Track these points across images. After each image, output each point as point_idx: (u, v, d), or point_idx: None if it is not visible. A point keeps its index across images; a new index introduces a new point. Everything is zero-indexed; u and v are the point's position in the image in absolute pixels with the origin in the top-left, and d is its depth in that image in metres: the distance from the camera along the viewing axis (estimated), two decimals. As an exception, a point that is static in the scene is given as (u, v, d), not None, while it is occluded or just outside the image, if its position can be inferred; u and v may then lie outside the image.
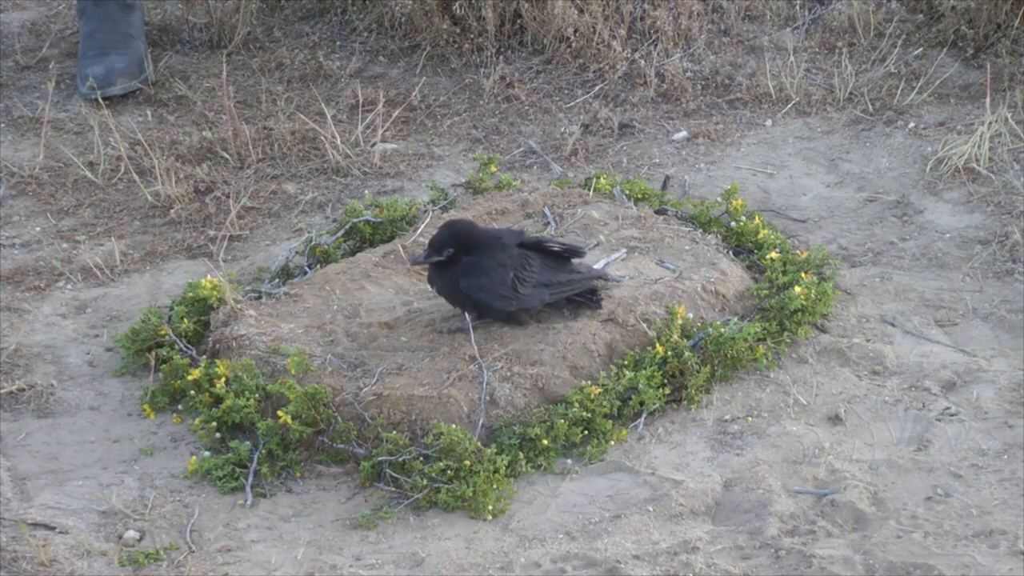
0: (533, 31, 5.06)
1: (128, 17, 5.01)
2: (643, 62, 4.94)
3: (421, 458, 3.44)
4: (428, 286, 3.77)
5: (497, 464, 3.42)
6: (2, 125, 4.86)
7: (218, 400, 3.61)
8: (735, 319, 3.80)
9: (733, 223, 4.14)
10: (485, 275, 3.64)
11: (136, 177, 4.52)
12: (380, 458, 3.46)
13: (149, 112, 4.89)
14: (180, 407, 3.70)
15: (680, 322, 3.73)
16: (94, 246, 4.30)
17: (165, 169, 4.49)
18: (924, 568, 3.19)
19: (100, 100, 4.82)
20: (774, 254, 3.98)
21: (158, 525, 3.38)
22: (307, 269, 4.04)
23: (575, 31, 5.01)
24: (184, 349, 3.77)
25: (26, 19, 5.45)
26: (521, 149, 4.68)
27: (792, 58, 4.92)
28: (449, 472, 3.41)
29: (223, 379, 3.61)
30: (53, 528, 3.35)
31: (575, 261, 3.76)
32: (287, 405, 3.52)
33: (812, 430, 3.58)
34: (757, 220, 4.14)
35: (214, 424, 3.57)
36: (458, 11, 5.05)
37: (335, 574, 3.25)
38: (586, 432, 3.56)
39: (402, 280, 3.92)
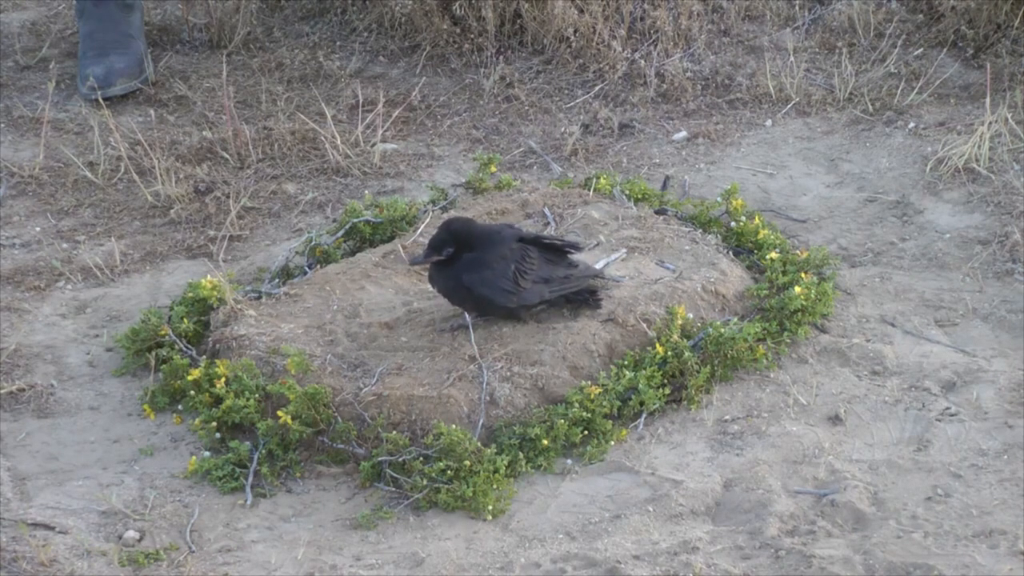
0: (533, 31, 5.07)
1: (128, 17, 5.01)
2: (643, 62, 4.94)
3: (421, 458, 3.44)
4: (428, 286, 3.77)
5: (497, 464, 3.42)
6: (2, 125, 4.86)
7: (218, 400, 3.61)
8: (735, 319, 3.80)
9: (733, 223, 4.14)
10: (488, 269, 3.64)
11: (136, 177, 4.52)
12: (380, 458, 3.46)
13: (150, 112, 4.89)
14: (180, 407, 3.70)
15: (680, 322, 3.73)
16: (94, 246, 4.30)
17: (165, 169, 4.49)
18: (924, 568, 3.19)
19: (100, 100, 4.82)
20: (774, 254, 3.98)
21: (158, 525, 3.37)
22: (307, 269, 4.04)
23: (575, 31, 5.01)
24: (184, 349, 3.77)
25: (26, 19, 5.45)
26: (521, 149, 4.68)
27: (792, 58, 4.92)
28: (449, 472, 3.40)
29: (223, 379, 3.61)
30: (53, 528, 3.35)
31: (573, 258, 3.77)
32: (287, 405, 3.52)
33: (812, 430, 3.58)
34: (757, 220, 4.14)
35: (214, 424, 3.57)
36: (458, 11, 5.06)
37: (335, 574, 3.25)
38: (586, 432, 3.56)
39: (402, 280, 3.92)
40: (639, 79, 4.91)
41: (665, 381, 3.65)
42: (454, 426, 3.46)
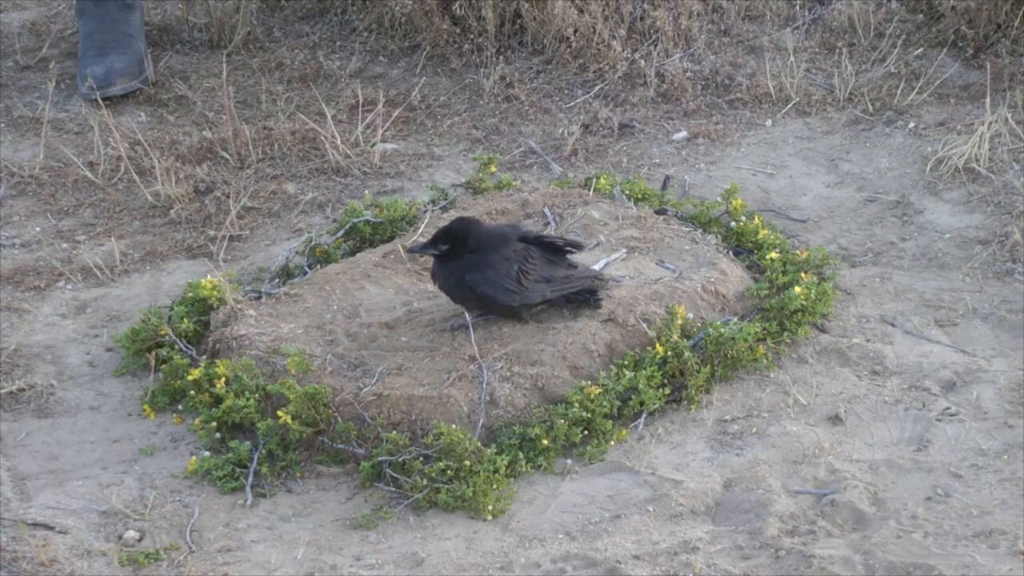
0: (533, 31, 5.06)
1: (128, 17, 5.01)
2: (643, 62, 4.94)
3: (421, 458, 3.44)
4: (428, 286, 3.77)
5: (497, 464, 3.42)
6: (2, 125, 4.86)
7: (218, 400, 3.61)
8: (735, 319, 3.80)
9: (733, 223, 4.14)
10: (491, 268, 3.65)
11: (136, 177, 4.52)
12: (380, 458, 3.46)
13: (149, 112, 4.89)
14: (180, 407, 3.70)
15: (680, 322, 3.73)
16: (94, 246, 4.30)
17: (165, 169, 4.49)
18: (924, 568, 3.19)
19: (100, 100, 4.82)
20: (774, 254, 3.98)
21: (158, 525, 3.38)
22: (307, 269, 4.04)
23: (575, 31, 5.01)
24: (184, 349, 3.77)
25: (26, 19, 5.45)
26: (521, 149, 4.68)
27: (792, 58, 4.92)
28: (449, 472, 3.41)
29: (223, 379, 3.61)
30: (53, 528, 3.35)
31: (573, 259, 3.77)
32: (287, 405, 3.52)
33: (812, 430, 3.58)
34: (757, 220, 4.14)
35: (214, 424, 3.57)
36: (458, 11, 5.06)
37: (335, 574, 3.25)
38: (586, 432, 3.56)
39: (402, 280, 3.92)
40: (639, 79, 4.91)
41: (665, 381, 3.65)
42: (454, 426, 3.46)
